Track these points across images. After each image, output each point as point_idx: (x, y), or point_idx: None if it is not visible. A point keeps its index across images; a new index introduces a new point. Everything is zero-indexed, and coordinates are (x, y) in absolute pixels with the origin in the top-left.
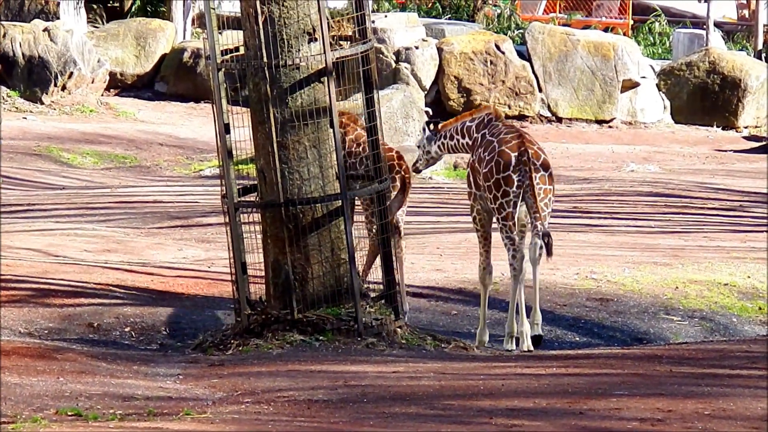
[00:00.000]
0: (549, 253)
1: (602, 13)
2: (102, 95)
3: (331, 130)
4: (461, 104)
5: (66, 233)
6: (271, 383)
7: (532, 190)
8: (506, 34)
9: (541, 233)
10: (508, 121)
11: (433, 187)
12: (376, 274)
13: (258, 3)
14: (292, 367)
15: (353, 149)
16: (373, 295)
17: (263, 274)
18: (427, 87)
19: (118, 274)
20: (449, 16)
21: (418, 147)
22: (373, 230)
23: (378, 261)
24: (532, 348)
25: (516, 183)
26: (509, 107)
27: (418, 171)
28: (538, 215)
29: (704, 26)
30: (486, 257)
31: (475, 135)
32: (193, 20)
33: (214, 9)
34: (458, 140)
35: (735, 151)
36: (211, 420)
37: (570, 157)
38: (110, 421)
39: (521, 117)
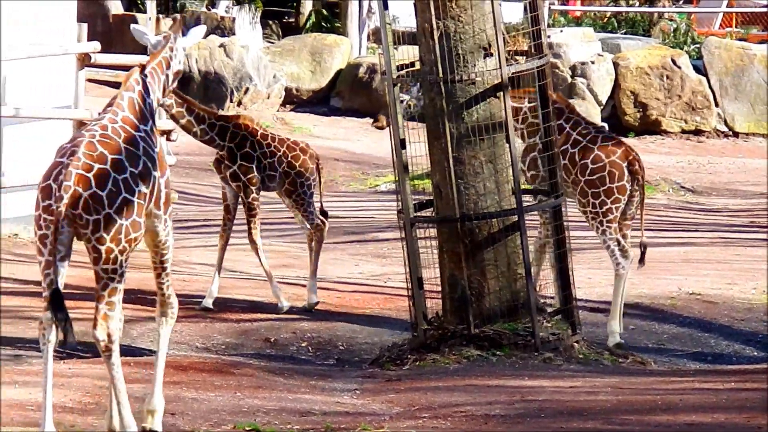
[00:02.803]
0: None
1: None
2: (277, 111)
3: (507, 145)
4: (637, 119)
5: (242, 248)
6: (448, 398)
7: (642, 197)
8: (682, 49)
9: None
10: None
11: None
12: (553, 288)
13: (434, 18)
14: (469, 382)
15: None
16: (549, 309)
17: (439, 289)
18: (603, 102)
19: (295, 289)
20: (625, 30)
21: None
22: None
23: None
24: None
25: (628, 191)
26: (685, 122)
27: None
28: (640, 221)
29: None
30: None
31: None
32: (368, 35)
33: (389, 24)
34: None
35: None
36: None
37: (746, 172)
38: None
39: (697, 132)
